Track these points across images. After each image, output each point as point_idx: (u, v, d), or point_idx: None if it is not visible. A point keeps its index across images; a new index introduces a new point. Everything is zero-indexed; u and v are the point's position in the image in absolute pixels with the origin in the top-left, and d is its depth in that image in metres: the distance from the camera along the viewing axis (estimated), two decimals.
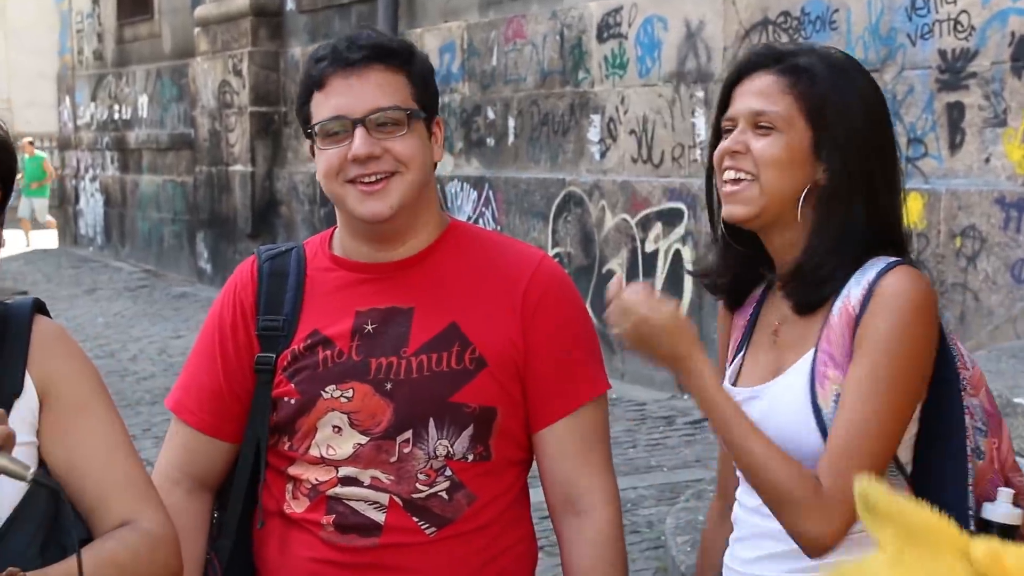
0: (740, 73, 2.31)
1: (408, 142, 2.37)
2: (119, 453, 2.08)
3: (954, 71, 7.61)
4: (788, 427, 2.24)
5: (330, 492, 2.38)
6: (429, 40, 12.51)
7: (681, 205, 9.88)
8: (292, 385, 2.39)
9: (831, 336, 2.24)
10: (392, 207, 2.35)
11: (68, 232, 21.76)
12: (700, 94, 9.69)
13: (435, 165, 2.48)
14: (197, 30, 16.86)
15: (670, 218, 9.84)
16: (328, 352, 2.39)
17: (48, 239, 22.51)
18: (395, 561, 2.40)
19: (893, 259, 2.23)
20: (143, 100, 19.55)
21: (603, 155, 10.63)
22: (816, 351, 2.26)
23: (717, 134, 2.33)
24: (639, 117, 10.14)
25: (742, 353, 2.43)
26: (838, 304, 2.24)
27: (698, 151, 9.65)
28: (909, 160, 7.95)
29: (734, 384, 2.39)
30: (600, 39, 10.61)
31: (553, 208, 11.10)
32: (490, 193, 11.78)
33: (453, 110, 12.34)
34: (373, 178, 2.35)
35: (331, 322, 2.42)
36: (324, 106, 2.36)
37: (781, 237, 2.31)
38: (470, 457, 2.40)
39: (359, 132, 2.32)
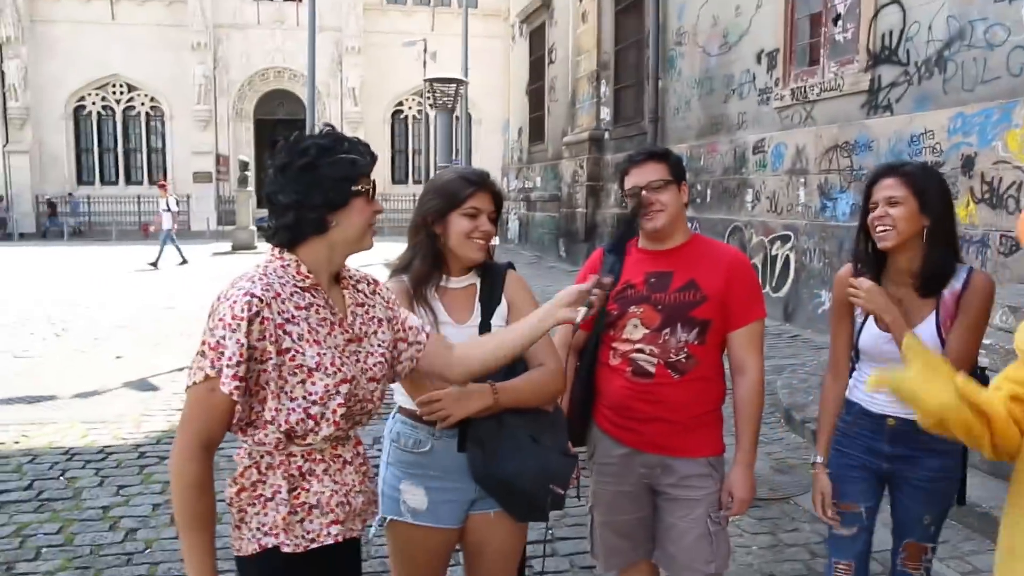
0: (875, 178, 2.33)
1: (667, 194, 2.38)
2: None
3: None
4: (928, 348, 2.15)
5: (631, 355, 2.39)
6: (673, 150, 11.86)
7: (790, 232, 9.43)
8: (616, 304, 2.41)
9: (946, 307, 2.26)
10: (662, 224, 2.40)
11: (501, 237, 21.62)
12: (801, 180, 9.26)
13: (684, 206, 2.46)
14: (563, 147, 17.11)
15: (784, 239, 9.56)
16: (631, 291, 2.41)
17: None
18: (659, 391, 2.36)
19: (970, 267, 2.31)
20: (538, 179, 19.48)
21: (752, 208, 10.40)
22: (938, 313, 2.27)
23: (864, 210, 2.35)
24: (771, 190, 9.97)
25: (871, 316, 2.33)
26: (947, 292, 2.27)
27: (799, 207, 9.31)
28: None
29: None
30: (753, 152, 10.36)
31: (727, 232, 10.75)
32: (697, 225, 11.15)
33: None
34: (652, 212, 2.38)
35: (633, 277, 2.42)
36: (628, 180, 2.43)
37: (905, 256, 2.29)
38: (695, 342, 2.36)
39: (643, 192, 2.38)
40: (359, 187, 1.73)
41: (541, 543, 2.71)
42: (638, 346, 2.39)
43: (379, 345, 1.84)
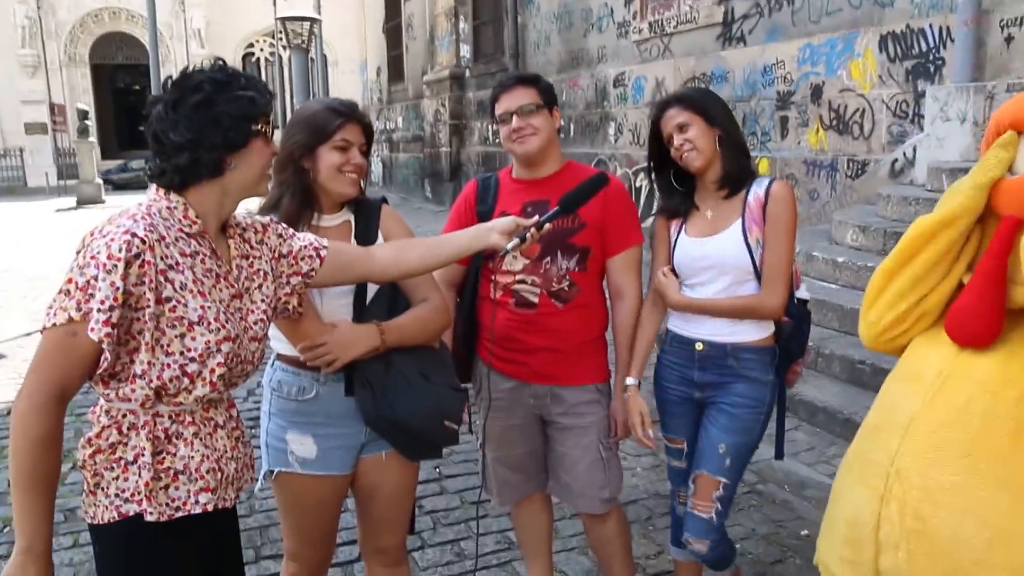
0: (658, 114, 2.37)
1: (539, 118, 2.35)
2: None
3: (784, 100, 7.76)
4: (733, 253, 2.27)
5: (512, 287, 2.39)
6: None
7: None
8: None
9: (751, 212, 2.28)
10: (535, 148, 2.36)
11: (364, 179, 21.30)
12: None
13: (556, 131, 2.43)
14: (424, 86, 16.80)
15: (647, 171, 9.33)
16: None
17: None
18: (543, 321, 2.37)
19: (770, 177, 2.37)
20: (399, 120, 19.24)
21: (616, 140, 10.64)
22: (743, 219, 2.28)
23: (655, 150, 2.42)
24: (633, 122, 10.22)
25: (683, 230, 2.38)
26: (750, 197, 2.30)
27: None
28: (762, 143, 8.09)
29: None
30: (614, 85, 10.62)
31: (591, 165, 10.48)
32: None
33: None
34: (523, 136, 2.34)
35: (510, 207, 2.36)
36: (499, 107, 2.40)
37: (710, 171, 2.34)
38: (576, 269, 2.36)
39: (515, 117, 2.35)
40: (258, 127, 1.62)
41: (432, 482, 2.66)
42: (519, 277, 2.38)
43: (262, 301, 1.73)
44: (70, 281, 1.47)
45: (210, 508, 1.62)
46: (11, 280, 9.74)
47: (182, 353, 1.54)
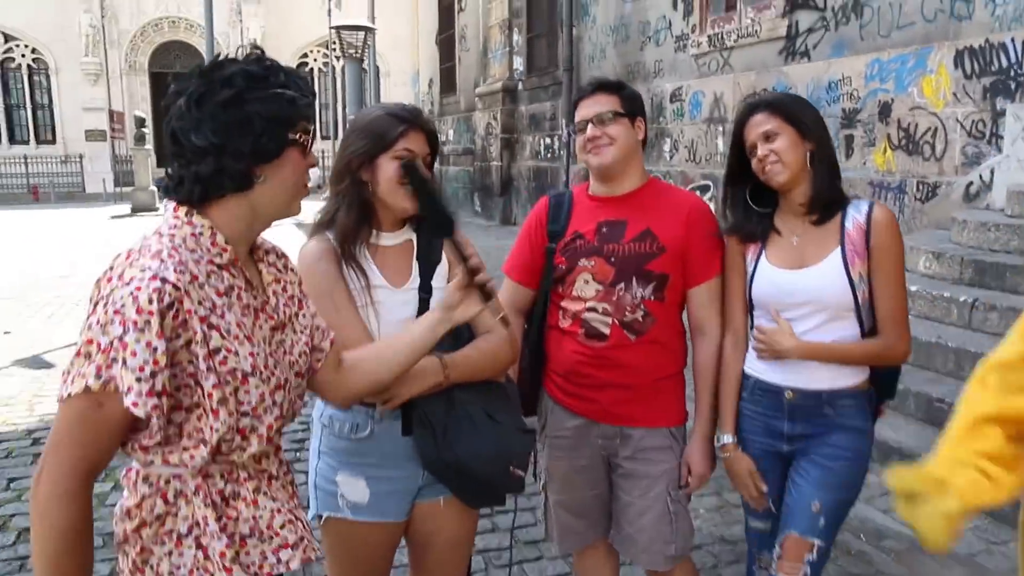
0: (742, 119, 2.13)
1: (617, 127, 2.18)
2: None
3: (850, 118, 7.41)
4: (834, 289, 2.03)
5: (582, 316, 2.21)
6: None
7: (710, 182, 9.31)
8: (564, 257, 2.23)
9: (852, 242, 2.04)
10: (610, 160, 2.19)
11: None
12: (720, 129, 9.20)
13: (640, 143, 2.25)
14: (476, 99, 16.62)
15: (703, 189, 9.37)
16: (581, 241, 2.22)
17: None
18: (615, 355, 2.19)
19: (867, 200, 2.12)
20: (451, 132, 19.01)
21: (671, 157, 10.29)
22: (844, 250, 2.04)
23: (738, 157, 2.16)
24: (690, 139, 9.91)
25: (763, 257, 2.15)
26: (849, 224, 2.06)
27: (718, 156, 9.26)
28: None
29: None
30: (671, 100, 10.29)
31: None
32: None
33: None
34: (598, 146, 2.19)
35: (584, 226, 2.24)
36: (577, 114, 2.24)
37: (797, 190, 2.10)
38: (653, 298, 2.17)
39: (591, 125, 2.19)
40: (296, 135, 1.39)
41: (483, 517, 2.50)
42: (590, 304, 2.21)
43: (302, 331, 1.54)
44: (90, 342, 1.24)
45: (295, 565, 1.46)
46: (65, 287, 9.81)
47: (237, 409, 1.34)
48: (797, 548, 2.06)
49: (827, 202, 2.09)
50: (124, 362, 1.21)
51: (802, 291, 2.07)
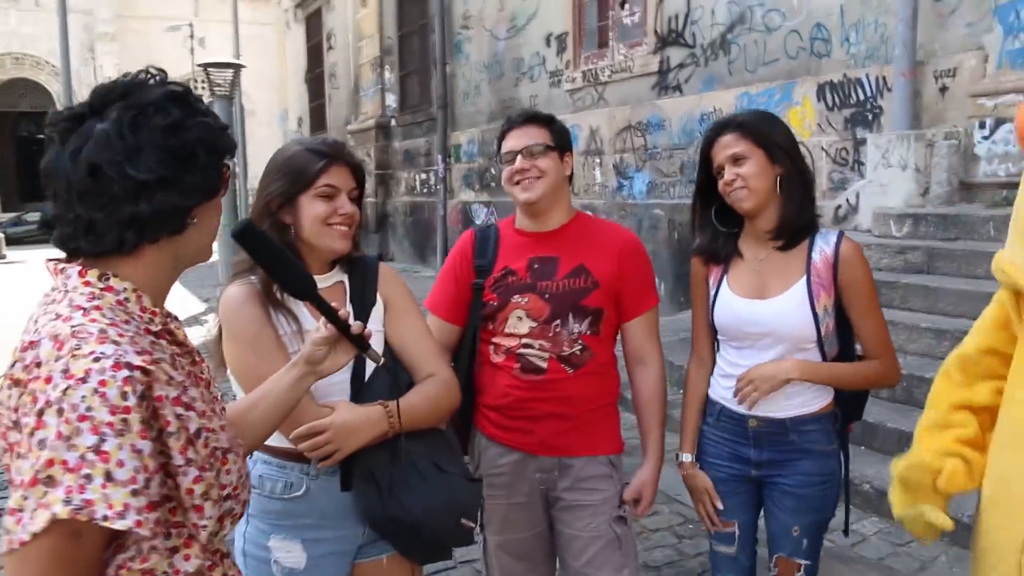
0: (711, 137, 2.05)
1: (547, 160, 2.11)
2: (426, 337, 1.87)
3: None
4: (795, 322, 1.98)
5: (517, 351, 2.14)
6: (464, 137, 12.60)
7: (588, 212, 9.07)
8: (495, 294, 2.16)
9: (818, 274, 1.99)
10: (539, 194, 2.12)
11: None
12: (597, 160, 9.43)
13: (567, 179, 2.21)
14: (348, 136, 16.05)
15: None
16: (512, 278, 2.16)
17: None
18: (553, 386, 2.13)
19: (839, 231, 2.06)
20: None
21: None
22: (809, 282, 1.98)
23: (703, 179, 2.10)
24: None
25: (725, 278, 2.10)
26: (815, 255, 2.00)
27: (596, 187, 9.50)
28: None
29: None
30: None
31: None
32: (492, 208, 11.62)
33: (474, 170, 12.34)
34: (527, 180, 2.12)
35: (514, 263, 2.17)
36: (505, 144, 2.17)
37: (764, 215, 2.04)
38: (589, 332, 2.13)
39: (519, 157, 2.12)
40: (226, 169, 1.20)
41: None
42: (525, 341, 2.14)
43: (218, 395, 1.32)
44: (51, 463, 0.94)
45: None
46: None
47: (220, 495, 1.13)
48: (788, 568, 2.13)
49: (796, 229, 2.02)
50: (109, 477, 0.96)
51: (762, 322, 2.02)
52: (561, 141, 2.18)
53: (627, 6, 9.07)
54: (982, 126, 5.74)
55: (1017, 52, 5.58)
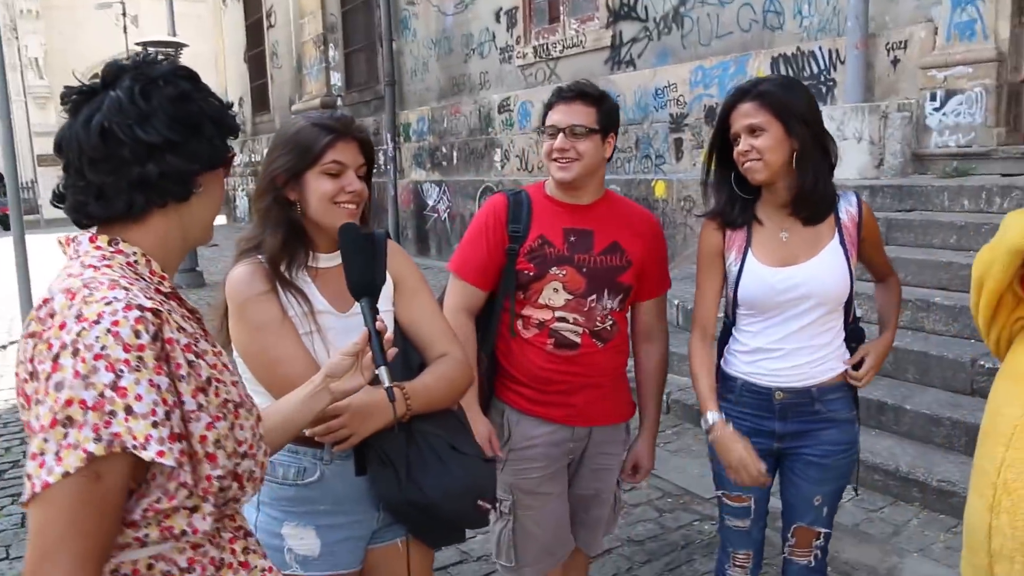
0: (730, 105, 2.02)
1: (587, 143, 2.11)
2: (437, 316, 1.82)
3: (678, 122, 7.77)
4: (835, 281, 2.00)
5: (551, 325, 2.16)
6: (413, 115, 12.47)
7: None
8: (532, 264, 2.14)
9: (848, 233, 2.03)
10: (573, 176, 2.13)
11: (230, 216, 20.47)
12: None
13: (605, 161, 2.19)
14: (292, 116, 16.13)
15: None
16: (550, 249, 2.15)
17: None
18: (584, 360, 2.18)
19: (855, 192, 2.13)
20: (265, 152, 17.76)
21: (503, 167, 10.43)
22: (842, 240, 2.02)
23: (722, 142, 2.06)
24: (520, 148, 10.04)
25: (749, 251, 2.07)
26: (845, 217, 2.04)
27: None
28: (657, 166, 8.10)
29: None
30: (499, 111, 10.39)
31: (477, 194, 10.62)
32: (445, 188, 11.46)
33: (424, 148, 12.16)
34: (565, 159, 2.12)
35: (548, 231, 2.17)
36: (550, 116, 2.16)
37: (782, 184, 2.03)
38: (618, 308, 2.20)
39: (562, 135, 2.11)
40: (230, 150, 1.24)
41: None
42: (559, 314, 2.16)
43: (232, 361, 1.41)
44: (69, 403, 0.96)
45: None
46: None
47: (236, 449, 1.12)
48: (806, 536, 2.16)
49: (814, 202, 2.01)
50: (129, 410, 0.98)
51: (802, 286, 2.01)
52: (607, 122, 2.14)
53: None
54: (933, 98, 5.86)
55: (965, 24, 5.69)
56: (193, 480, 1.06)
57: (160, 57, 1.21)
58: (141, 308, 1.02)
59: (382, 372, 1.43)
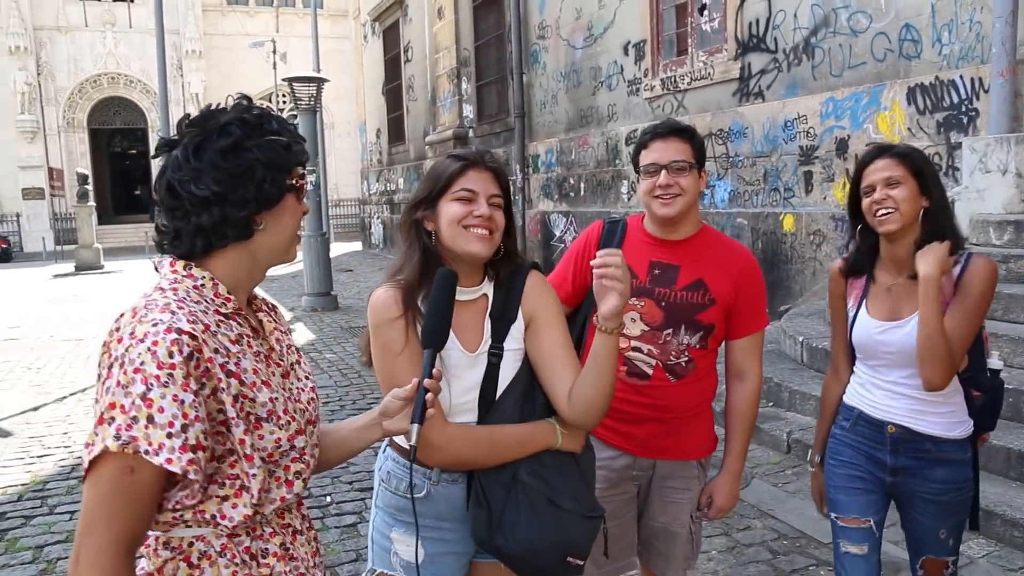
0: (866, 161, 2.15)
1: (688, 178, 2.15)
2: (567, 351, 1.78)
3: (807, 155, 7.58)
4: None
5: (626, 354, 2.20)
6: (542, 147, 12.64)
7: None
8: None
9: (945, 293, 2.05)
10: (677, 211, 2.16)
11: (366, 242, 21.35)
12: None
13: (700, 194, 2.23)
14: (426, 147, 16.65)
15: None
16: (633, 279, 1.97)
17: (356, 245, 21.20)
18: (655, 393, 2.20)
19: (969, 251, 2.13)
20: (400, 181, 18.88)
21: (629, 199, 10.46)
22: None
23: (856, 195, 2.17)
24: None
25: (864, 302, 2.21)
26: (943, 278, 2.04)
27: None
28: (786, 199, 7.90)
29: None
30: (626, 143, 10.36)
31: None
32: (572, 219, 11.68)
33: (552, 179, 12.34)
34: (668, 196, 2.15)
35: (634, 262, 2.12)
36: (647, 155, 2.19)
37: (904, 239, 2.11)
38: (697, 346, 2.19)
39: (664, 172, 2.14)
40: (292, 180, 1.39)
41: None
42: (635, 344, 2.21)
43: (307, 378, 1.52)
44: (113, 406, 1.18)
45: None
46: (13, 349, 9.39)
47: (263, 458, 1.33)
48: (936, 567, 2.24)
49: None
50: (151, 420, 1.18)
51: (893, 345, 2.13)
52: (700, 157, 2.20)
53: (706, 12, 8.98)
54: None
55: None
56: (228, 479, 1.28)
57: (232, 103, 1.39)
58: (179, 331, 1.20)
59: (413, 429, 1.48)
